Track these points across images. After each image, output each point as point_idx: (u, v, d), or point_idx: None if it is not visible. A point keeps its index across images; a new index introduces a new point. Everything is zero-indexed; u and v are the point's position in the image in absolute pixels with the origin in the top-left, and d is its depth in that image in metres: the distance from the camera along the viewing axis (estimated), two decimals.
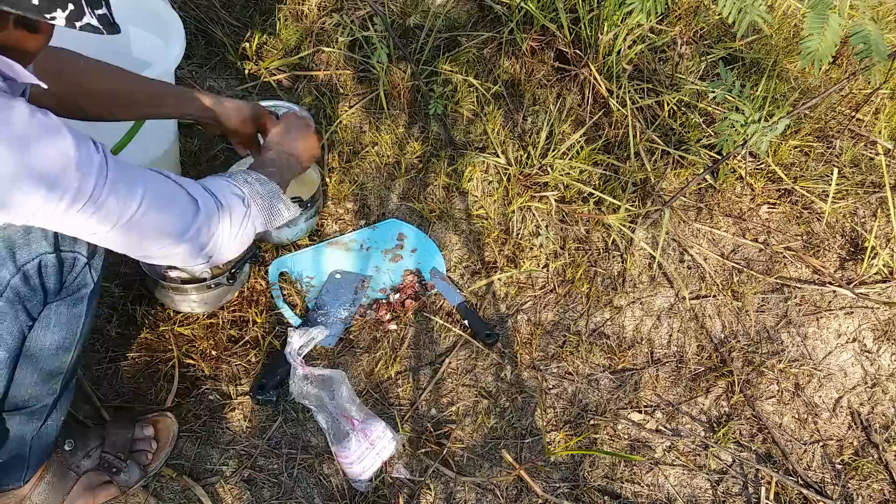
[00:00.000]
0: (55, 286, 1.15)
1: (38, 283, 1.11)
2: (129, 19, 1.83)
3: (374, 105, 2.23)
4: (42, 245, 1.09)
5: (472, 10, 2.47)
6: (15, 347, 1.15)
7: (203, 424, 1.57)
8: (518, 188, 2.03)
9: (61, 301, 1.19)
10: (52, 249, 1.10)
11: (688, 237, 2.03)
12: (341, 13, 2.37)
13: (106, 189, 0.97)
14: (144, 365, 1.64)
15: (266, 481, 1.51)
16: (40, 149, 0.90)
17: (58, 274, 1.13)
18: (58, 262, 1.12)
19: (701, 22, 2.44)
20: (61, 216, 0.95)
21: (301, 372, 1.52)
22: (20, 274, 1.08)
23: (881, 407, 1.76)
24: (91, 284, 1.20)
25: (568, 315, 1.85)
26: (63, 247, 1.11)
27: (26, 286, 1.10)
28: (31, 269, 1.09)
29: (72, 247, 1.13)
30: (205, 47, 2.31)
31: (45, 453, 1.35)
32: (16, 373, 1.20)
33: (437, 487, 1.52)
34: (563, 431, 1.64)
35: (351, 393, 1.53)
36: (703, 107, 2.26)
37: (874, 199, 2.15)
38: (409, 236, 1.95)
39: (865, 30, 1.43)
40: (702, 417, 1.70)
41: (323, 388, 1.53)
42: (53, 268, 1.12)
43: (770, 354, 1.82)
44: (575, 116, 2.21)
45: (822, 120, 2.31)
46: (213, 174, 1.27)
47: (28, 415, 1.26)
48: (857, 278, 1.98)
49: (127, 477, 1.43)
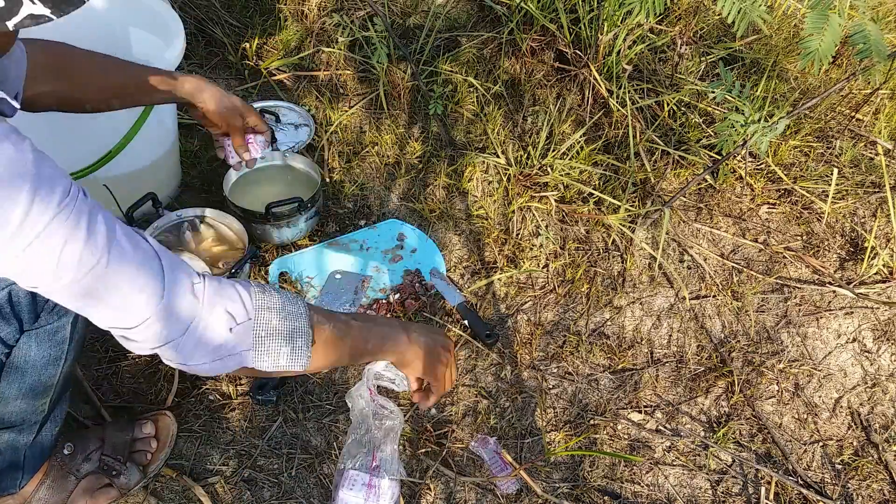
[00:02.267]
0: (30, 315, 1.11)
1: (9, 312, 1.08)
2: (129, 19, 1.83)
3: (375, 105, 2.23)
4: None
5: (472, 10, 2.47)
6: None
7: (203, 424, 1.57)
8: (518, 188, 2.03)
9: (41, 328, 1.16)
10: None
11: (688, 237, 2.03)
12: (341, 13, 2.37)
13: (66, 229, 0.80)
14: (144, 365, 1.64)
15: (266, 481, 1.51)
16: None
17: (31, 304, 1.09)
18: (30, 293, 1.07)
19: (701, 22, 2.45)
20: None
21: (367, 394, 1.46)
22: None
23: (881, 407, 1.76)
24: (73, 314, 1.14)
25: (568, 315, 1.85)
26: None
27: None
28: (1, 299, 1.05)
29: None
30: (205, 47, 2.31)
31: (40, 460, 1.35)
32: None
33: (437, 487, 1.52)
34: (563, 431, 1.64)
35: (395, 440, 1.43)
36: (703, 107, 2.26)
37: (874, 199, 2.15)
38: (409, 236, 1.95)
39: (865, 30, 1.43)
40: (702, 417, 1.70)
41: (376, 416, 1.49)
42: (25, 297, 1.08)
43: (770, 354, 1.82)
44: (575, 116, 2.21)
45: (822, 120, 2.31)
46: (242, 280, 1.05)
47: (18, 431, 1.26)
48: (856, 278, 1.98)
49: (127, 479, 1.43)
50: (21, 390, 1.20)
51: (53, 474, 1.37)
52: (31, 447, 1.29)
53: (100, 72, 1.36)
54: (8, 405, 1.21)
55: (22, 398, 1.21)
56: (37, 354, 1.18)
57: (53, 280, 0.81)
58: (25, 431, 1.27)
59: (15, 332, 1.13)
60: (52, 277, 0.80)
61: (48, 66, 1.24)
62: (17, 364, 1.18)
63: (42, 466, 1.36)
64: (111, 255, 0.83)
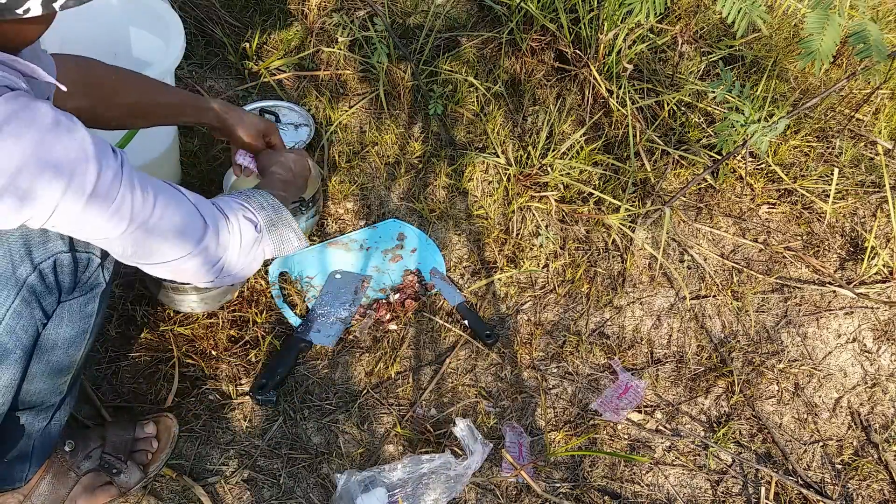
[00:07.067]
0: (70, 284, 1.16)
1: (53, 281, 1.13)
2: (129, 19, 1.83)
3: (375, 105, 2.23)
4: (58, 244, 1.10)
5: (472, 10, 2.47)
6: (29, 346, 1.16)
7: (203, 424, 1.57)
8: (518, 188, 2.03)
9: (74, 300, 1.20)
10: (67, 249, 1.12)
11: (688, 237, 2.03)
12: (341, 13, 2.37)
13: (123, 187, 0.97)
14: (144, 365, 1.64)
15: (266, 481, 1.51)
16: (61, 142, 0.91)
17: (72, 273, 1.15)
18: (73, 262, 1.13)
19: (701, 22, 2.44)
20: (80, 212, 0.95)
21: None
22: (37, 272, 1.09)
23: (881, 407, 1.76)
24: (104, 284, 1.22)
25: (568, 315, 1.85)
26: (78, 247, 1.13)
27: (42, 284, 1.11)
28: (47, 267, 1.10)
29: (86, 248, 1.15)
30: (205, 47, 2.31)
31: (47, 452, 1.36)
32: (28, 370, 1.21)
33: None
34: (563, 431, 1.64)
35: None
36: (703, 107, 2.26)
37: (874, 199, 2.15)
38: (409, 236, 1.95)
39: (865, 30, 1.43)
40: (702, 417, 1.70)
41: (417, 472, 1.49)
42: (69, 266, 1.13)
43: (770, 354, 1.82)
44: (575, 116, 2.21)
45: (822, 120, 2.31)
46: (229, 194, 1.26)
47: (35, 413, 1.27)
48: (857, 278, 1.98)
49: (127, 478, 1.43)
50: (49, 365, 1.23)
51: (54, 470, 1.38)
52: (40, 437, 1.30)
53: (127, 90, 1.42)
54: (33, 382, 1.23)
55: (47, 375, 1.24)
56: (67, 326, 1.21)
57: (128, 226, 1.00)
58: (41, 415, 1.28)
59: (54, 303, 1.17)
60: (127, 224, 1.00)
61: (78, 82, 1.28)
62: (49, 337, 1.20)
63: (45, 461, 1.36)
64: (160, 200, 1.04)
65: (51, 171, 0.90)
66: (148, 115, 1.47)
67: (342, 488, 1.44)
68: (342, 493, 1.44)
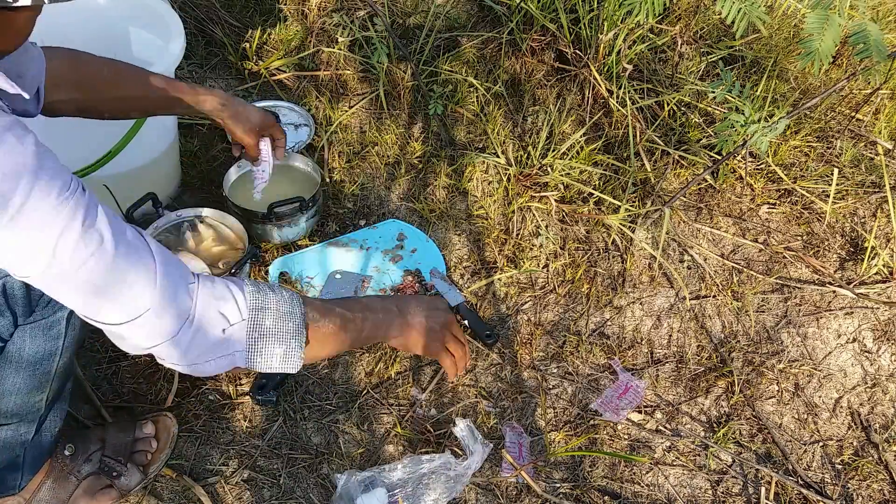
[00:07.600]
0: (24, 310, 1.11)
1: (4, 305, 1.08)
2: (129, 19, 1.83)
3: (375, 105, 2.23)
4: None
5: (472, 10, 2.47)
6: None
7: (203, 424, 1.57)
8: (518, 188, 2.03)
9: (35, 323, 1.16)
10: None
11: (688, 237, 2.03)
12: (341, 13, 2.37)
13: (62, 217, 0.81)
14: (144, 365, 1.64)
15: (266, 481, 1.51)
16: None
17: (25, 297, 1.09)
18: (24, 286, 1.07)
19: (701, 22, 2.45)
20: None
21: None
22: None
23: (881, 407, 1.76)
24: (68, 309, 1.08)
25: (568, 315, 1.85)
26: None
27: None
28: None
29: None
30: (205, 47, 2.31)
31: (41, 460, 1.35)
32: None
33: None
34: (564, 431, 1.64)
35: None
36: (703, 107, 2.26)
37: (874, 199, 2.15)
38: (409, 236, 1.95)
39: (865, 30, 1.43)
40: (702, 417, 1.70)
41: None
42: (20, 290, 1.08)
43: (770, 354, 1.82)
44: (575, 116, 2.21)
45: (822, 120, 2.31)
46: (232, 277, 1.04)
47: (15, 427, 1.25)
48: (857, 278, 1.98)
49: (127, 480, 1.43)
50: (16, 385, 1.20)
51: (54, 475, 1.37)
52: (30, 446, 1.29)
53: (120, 83, 1.39)
54: (2, 400, 1.21)
55: (17, 393, 1.21)
56: (31, 348, 1.17)
57: (46, 268, 0.81)
58: (23, 429, 1.26)
59: (9, 326, 1.13)
60: (45, 266, 0.81)
61: (69, 75, 1.26)
62: (11, 358, 1.18)
63: (43, 467, 1.36)
64: (106, 250, 0.84)
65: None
66: (141, 107, 1.45)
67: (342, 488, 1.45)
68: (342, 493, 1.44)
